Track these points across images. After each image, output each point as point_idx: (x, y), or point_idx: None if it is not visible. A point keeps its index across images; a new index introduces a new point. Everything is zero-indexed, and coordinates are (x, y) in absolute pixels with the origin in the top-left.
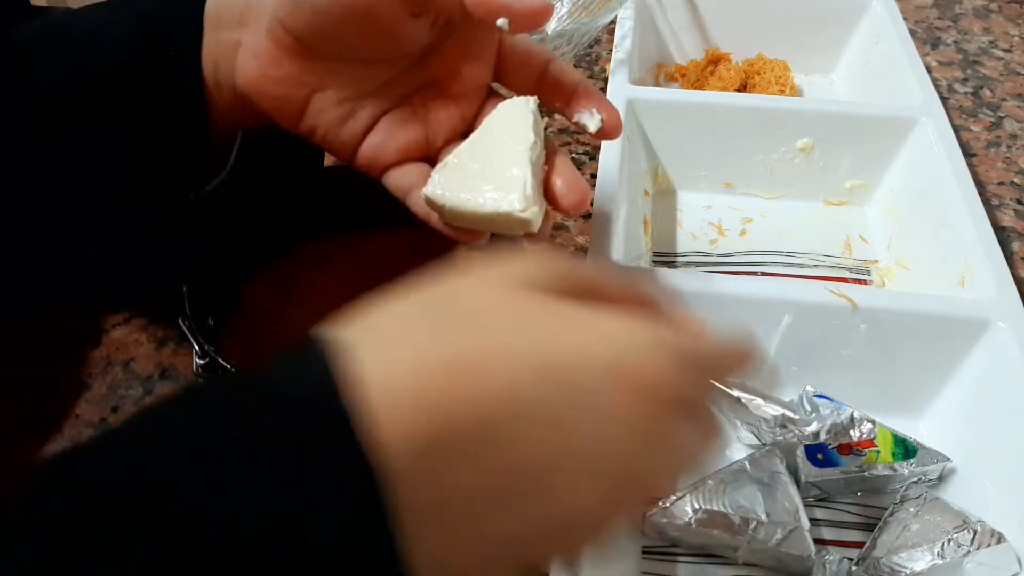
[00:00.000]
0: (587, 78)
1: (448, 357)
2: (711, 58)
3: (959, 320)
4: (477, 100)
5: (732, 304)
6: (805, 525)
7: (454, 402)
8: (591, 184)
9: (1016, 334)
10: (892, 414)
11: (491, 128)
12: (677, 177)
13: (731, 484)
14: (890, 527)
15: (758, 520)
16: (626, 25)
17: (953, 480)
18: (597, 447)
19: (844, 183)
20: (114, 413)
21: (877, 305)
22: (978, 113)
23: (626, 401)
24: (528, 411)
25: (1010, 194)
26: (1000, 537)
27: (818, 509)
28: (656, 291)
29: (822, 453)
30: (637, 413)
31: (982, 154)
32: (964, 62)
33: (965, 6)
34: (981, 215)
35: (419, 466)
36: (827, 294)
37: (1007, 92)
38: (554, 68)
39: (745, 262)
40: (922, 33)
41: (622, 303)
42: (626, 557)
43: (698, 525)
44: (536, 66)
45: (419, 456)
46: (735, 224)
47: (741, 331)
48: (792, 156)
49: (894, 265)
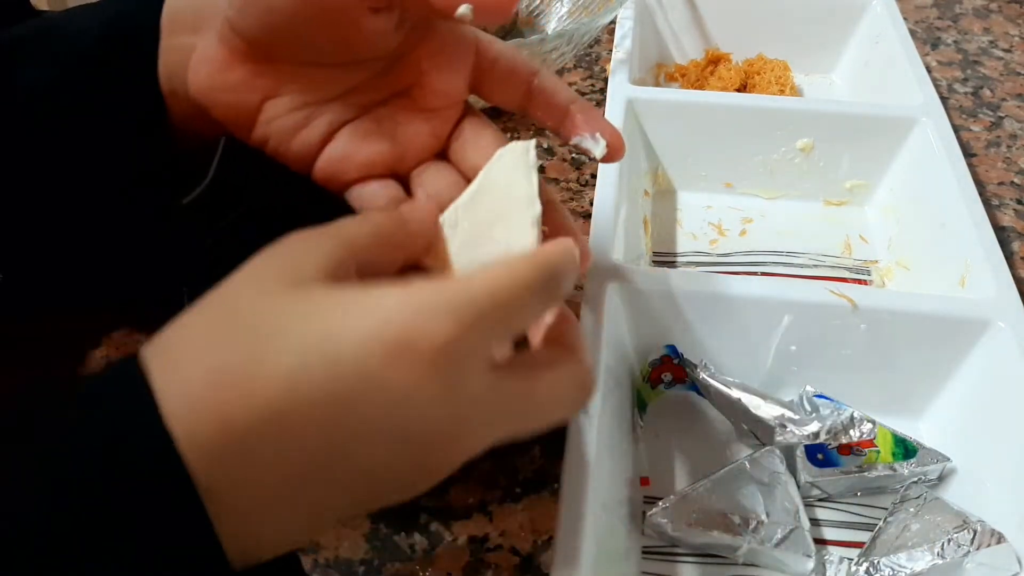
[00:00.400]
0: (588, 78)
1: (219, 368)
2: (711, 58)
3: (959, 320)
4: (452, 115)
5: (732, 304)
6: (805, 525)
7: (231, 410)
8: (590, 185)
9: (1016, 334)
10: (892, 414)
11: (491, 184)
12: (677, 177)
13: (731, 484)
14: (890, 527)
15: (758, 520)
16: (626, 25)
17: (953, 480)
18: (392, 425)
19: (844, 183)
20: None
21: (877, 305)
22: (978, 113)
23: (415, 374)
24: (306, 406)
25: (1010, 194)
26: (1000, 537)
27: (818, 509)
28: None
29: (822, 453)
30: (432, 382)
31: (982, 154)
32: (964, 62)
33: (965, 6)
34: (981, 215)
35: (218, 472)
36: (827, 294)
37: (1007, 92)
38: (541, 82)
39: (745, 262)
40: (922, 33)
41: (397, 268)
42: (626, 557)
43: (698, 525)
44: (521, 80)
45: (216, 463)
46: (735, 224)
47: (550, 251)
48: (792, 156)
49: (894, 265)
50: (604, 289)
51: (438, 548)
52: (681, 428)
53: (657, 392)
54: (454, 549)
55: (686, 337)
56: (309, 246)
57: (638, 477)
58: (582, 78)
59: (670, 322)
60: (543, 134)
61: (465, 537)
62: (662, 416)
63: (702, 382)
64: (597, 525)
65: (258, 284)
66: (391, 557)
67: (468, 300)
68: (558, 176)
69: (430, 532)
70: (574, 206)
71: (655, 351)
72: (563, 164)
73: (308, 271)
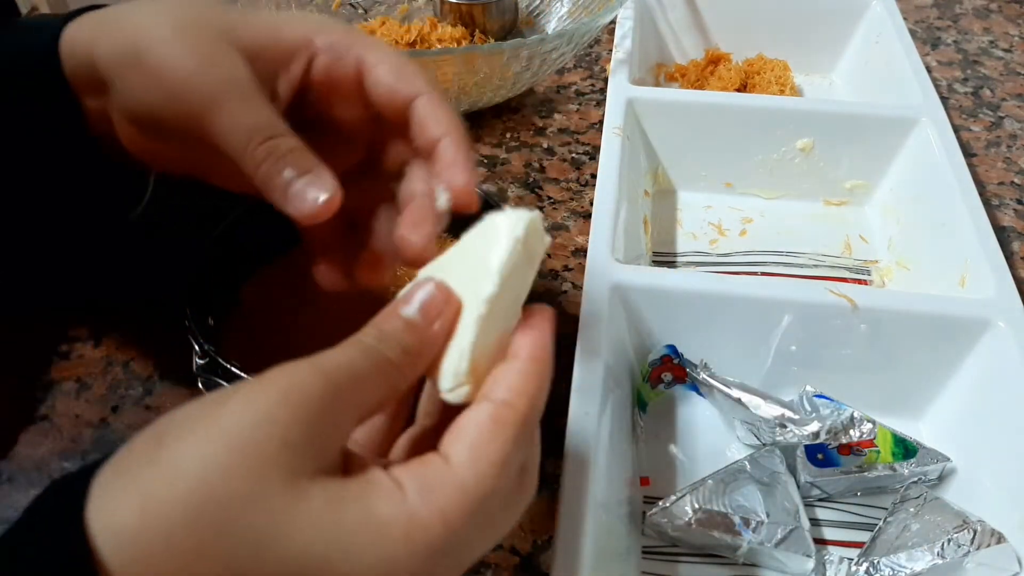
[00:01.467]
0: (588, 78)
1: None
2: (711, 58)
3: (959, 320)
4: (365, 128)
5: (732, 304)
6: (805, 525)
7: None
8: (591, 185)
9: (1016, 334)
10: (892, 414)
11: (464, 251)
12: (677, 177)
13: (731, 484)
14: (890, 527)
15: (758, 520)
16: (626, 25)
17: (953, 480)
18: None
19: (844, 183)
20: (114, 413)
21: (877, 305)
22: (978, 113)
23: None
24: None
25: (1010, 194)
26: (1000, 537)
27: (818, 509)
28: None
29: (822, 453)
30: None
31: (982, 154)
32: (964, 62)
33: (965, 6)
34: (981, 215)
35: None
36: (827, 294)
37: (1007, 92)
38: (417, 108)
39: (745, 262)
40: (922, 33)
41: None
42: (626, 557)
43: (698, 525)
44: (397, 107)
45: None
46: (735, 224)
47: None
48: (792, 156)
49: (894, 265)
50: (604, 289)
51: None
52: (681, 428)
53: (657, 392)
54: None
55: (686, 337)
56: (312, 413)
57: (638, 477)
58: (582, 78)
59: (670, 322)
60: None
61: None
62: (662, 416)
63: (702, 382)
64: (597, 525)
65: (256, 474)
66: None
67: (443, 545)
68: (558, 176)
69: None
70: (574, 206)
71: (655, 351)
72: (563, 164)
73: (308, 461)
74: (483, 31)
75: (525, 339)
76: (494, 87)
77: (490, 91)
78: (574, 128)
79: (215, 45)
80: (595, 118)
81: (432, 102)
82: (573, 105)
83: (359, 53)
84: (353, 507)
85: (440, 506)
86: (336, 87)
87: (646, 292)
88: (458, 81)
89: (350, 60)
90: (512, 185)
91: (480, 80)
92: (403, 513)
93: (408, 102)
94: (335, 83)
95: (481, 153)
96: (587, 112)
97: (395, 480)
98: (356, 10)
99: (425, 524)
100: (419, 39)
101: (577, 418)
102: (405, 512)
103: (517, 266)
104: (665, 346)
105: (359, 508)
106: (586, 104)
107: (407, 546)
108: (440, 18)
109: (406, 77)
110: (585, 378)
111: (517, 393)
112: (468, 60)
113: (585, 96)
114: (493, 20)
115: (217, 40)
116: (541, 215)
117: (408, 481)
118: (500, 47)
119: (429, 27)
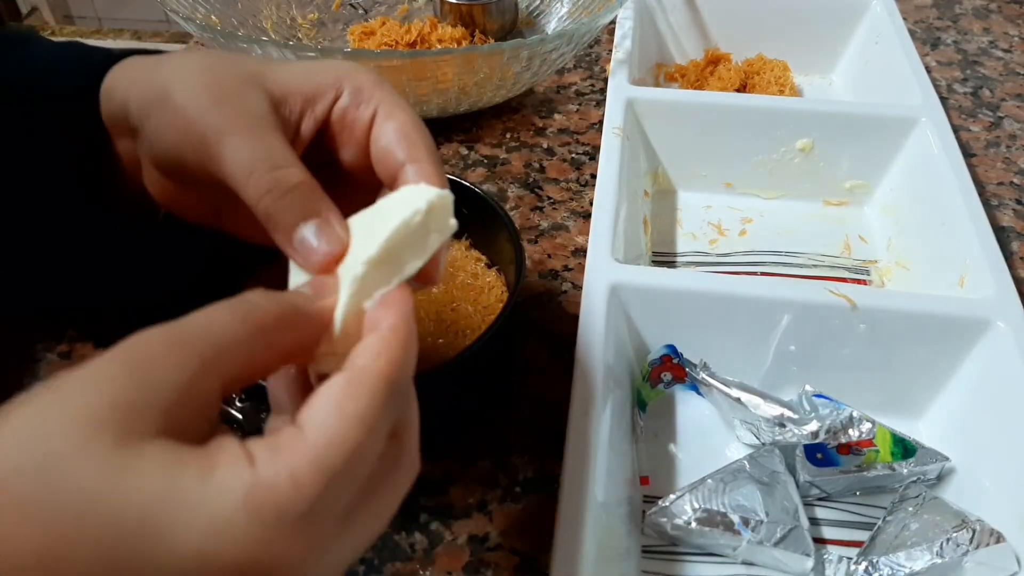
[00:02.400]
0: (588, 78)
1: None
2: (711, 58)
3: (959, 320)
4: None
5: (732, 304)
6: (805, 524)
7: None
8: (590, 185)
9: (1015, 334)
10: (892, 414)
11: (374, 214)
12: (677, 177)
13: (731, 484)
14: (889, 526)
15: (757, 519)
16: (626, 25)
17: (952, 480)
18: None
19: (844, 183)
20: None
21: (876, 305)
22: (978, 113)
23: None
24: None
25: (1010, 194)
26: (999, 536)
27: (817, 508)
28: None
29: (821, 453)
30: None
31: (982, 154)
32: (964, 62)
33: (965, 6)
34: (981, 215)
35: None
36: (827, 294)
37: (1007, 92)
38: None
39: (745, 262)
40: (922, 33)
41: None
42: (626, 556)
43: (698, 524)
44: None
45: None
46: (735, 224)
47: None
48: (792, 156)
49: (893, 265)
50: (604, 289)
51: (438, 547)
52: (681, 428)
53: (657, 392)
54: (454, 548)
55: (686, 337)
56: (154, 372)
57: (638, 477)
58: (582, 78)
59: (670, 322)
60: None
61: (465, 536)
62: (662, 416)
63: (702, 382)
64: (597, 525)
65: (81, 432)
66: (391, 556)
67: (292, 502)
68: (558, 176)
69: (430, 531)
70: (574, 206)
71: (655, 351)
72: (563, 164)
73: (146, 421)
74: (483, 31)
75: (386, 312)
76: (494, 87)
77: (490, 91)
78: (574, 128)
79: (237, 85)
80: (595, 118)
81: (421, 172)
82: (573, 105)
83: (378, 104)
84: (190, 469)
85: (287, 464)
86: (349, 130)
87: (646, 292)
88: (458, 81)
89: (368, 108)
90: (512, 185)
91: (480, 80)
92: (245, 476)
93: (400, 166)
94: (348, 126)
95: (481, 153)
96: (587, 112)
97: (246, 449)
98: (356, 10)
99: (270, 484)
100: (419, 39)
101: (577, 418)
102: (249, 475)
103: (409, 239)
104: (665, 346)
105: (196, 470)
106: (586, 104)
107: (247, 510)
108: (440, 18)
109: (408, 140)
110: (585, 378)
111: (374, 355)
112: (468, 60)
113: (585, 96)
114: (493, 20)
115: (241, 81)
116: (454, 198)
117: (259, 450)
118: (500, 47)
119: (429, 27)
